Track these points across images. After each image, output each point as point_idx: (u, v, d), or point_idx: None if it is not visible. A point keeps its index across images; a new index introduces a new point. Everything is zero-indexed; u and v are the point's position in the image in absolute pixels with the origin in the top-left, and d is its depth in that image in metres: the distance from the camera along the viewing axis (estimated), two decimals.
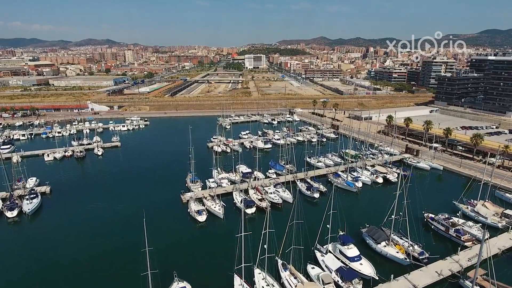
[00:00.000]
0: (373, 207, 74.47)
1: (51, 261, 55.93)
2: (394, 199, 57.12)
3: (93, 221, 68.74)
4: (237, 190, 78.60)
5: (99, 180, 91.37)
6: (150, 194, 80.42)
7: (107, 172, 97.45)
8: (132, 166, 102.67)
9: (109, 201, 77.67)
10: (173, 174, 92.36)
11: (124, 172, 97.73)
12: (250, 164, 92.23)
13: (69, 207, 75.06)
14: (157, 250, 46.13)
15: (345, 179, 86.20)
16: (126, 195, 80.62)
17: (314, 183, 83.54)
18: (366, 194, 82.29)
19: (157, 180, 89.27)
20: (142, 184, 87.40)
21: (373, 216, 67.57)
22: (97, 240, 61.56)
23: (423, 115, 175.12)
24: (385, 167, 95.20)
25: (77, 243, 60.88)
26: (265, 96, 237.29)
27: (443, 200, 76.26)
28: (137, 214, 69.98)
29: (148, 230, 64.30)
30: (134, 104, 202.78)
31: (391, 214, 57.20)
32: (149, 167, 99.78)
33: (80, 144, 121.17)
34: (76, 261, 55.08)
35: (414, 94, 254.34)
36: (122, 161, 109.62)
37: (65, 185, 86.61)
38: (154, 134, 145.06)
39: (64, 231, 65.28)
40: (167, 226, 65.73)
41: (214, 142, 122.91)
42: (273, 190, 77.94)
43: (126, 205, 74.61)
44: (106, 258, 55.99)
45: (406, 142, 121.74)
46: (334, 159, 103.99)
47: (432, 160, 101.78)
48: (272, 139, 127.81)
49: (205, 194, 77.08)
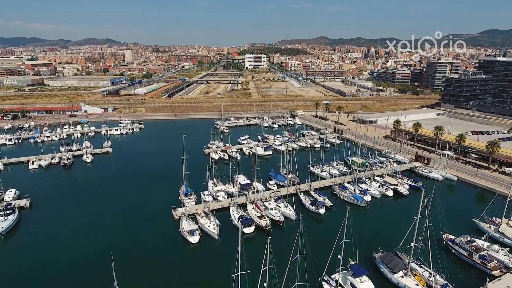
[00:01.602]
0: (385, 225, 67.48)
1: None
2: (412, 223, 49.89)
3: (73, 242, 61.63)
4: (234, 205, 71.42)
5: (85, 192, 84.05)
6: (140, 209, 73.35)
7: (94, 183, 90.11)
8: (122, 176, 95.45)
9: (94, 216, 70.69)
10: (165, 185, 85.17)
11: (112, 182, 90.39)
12: (249, 174, 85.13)
13: (49, 224, 67.95)
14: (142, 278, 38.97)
15: (352, 192, 79.05)
16: (113, 210, 73.49)
17: (319, 196, 76.42)
18: (376, 209, 75.09)
19: (148, 192, 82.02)
20: (131, 197, 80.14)
21: (386, 237, 60.77)
22: (74, 267, 54.44)
23: (430, 119, 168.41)
24: (395, 177, 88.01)
25: (54, 270, 53.83)
26: (266, 98, 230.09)
27: (461, 217, 69.22)
28: (123, 236, 64.26)
29: (134, 253, 57.19)
30: (130, 106, 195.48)
31: (410, 240, 49.97)
32: (140, 177, 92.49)
33: (68, 150, 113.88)
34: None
35: (419, 95, 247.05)
36: (112, 170, 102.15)
37: (47, 198, 79.34)
38: (148, 138, 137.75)
39: (40, 254, 58.18)
40: (156, 249, 58.82)
41: (211, 148, 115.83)
42: (273, 205, 70.82)
43: (112, 223, 67.66)
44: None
45: (416, 149, 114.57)
46: (339, 168, 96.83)
47: (445, 169, 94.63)
48: (272, 144, 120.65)
49: (199, 210, 69.94)
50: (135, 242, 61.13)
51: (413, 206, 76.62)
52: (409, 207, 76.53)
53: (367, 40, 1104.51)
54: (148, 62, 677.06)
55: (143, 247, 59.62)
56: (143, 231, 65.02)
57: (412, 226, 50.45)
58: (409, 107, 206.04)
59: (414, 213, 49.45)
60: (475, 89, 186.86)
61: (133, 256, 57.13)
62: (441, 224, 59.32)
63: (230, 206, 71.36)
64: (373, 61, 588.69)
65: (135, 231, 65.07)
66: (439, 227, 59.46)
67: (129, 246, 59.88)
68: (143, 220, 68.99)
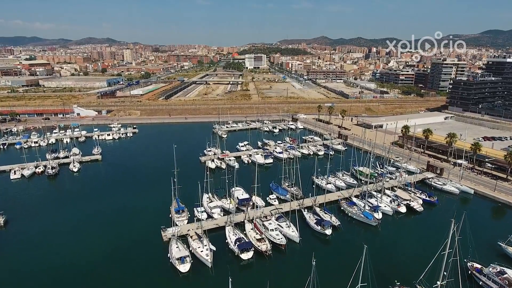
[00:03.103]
0: (400, 250, 60.18)
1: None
2: (439, 258, 42.59)
3: (48, 267, 54.43)
4: (230, 225, 64.12)
5: (67, 206, 76.42)
6: (126, 228, 66.14)
7: (78, 196, 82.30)
8: (110, 187, 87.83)
9: (74, 235, 63.59)
10: (156, 200, 77.65)
11: (98, 196, 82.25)
12: (248, 186, 77.76)
13: (23, 246, 60.72)
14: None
15: (361, 208, 71.72)
16: (97, 229, 66.23)
17: (325, 214, 69.08)
18: (388, 228, 67.61)
19: (137, 208, 74.61)
20: (118, 213, 72.67)
21: (402, 266, 53.52)
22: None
23: (438, 123, 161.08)
24: (407, 191, 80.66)
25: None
26: (266, 100, 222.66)
27: (485, 239, 61.64)
28: (105, 260, 57.02)
29: (116, 282, 50.33)
30: (124, 108, 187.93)
31: (432, 275, 42.77)
32: (129, 190, 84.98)
33: (55, 157, 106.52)
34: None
35: (424, 97, 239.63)
36: (99, 181, 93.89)
37: (24, 214, 71.89)
38: (142, 144, 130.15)
39: (11, 284, 51.04)
40: (141, 277, 51.66)
41: (208, 155, 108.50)
42: (275, 225, 63.47)
43: (95, 244, 60.43)
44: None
45: (426, 157, 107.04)
46: (345, 179, 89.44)
47: (460, 181, 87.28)
48: (273, 151, 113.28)
49: (191, 231, 62.58)
50: (118, 269, 54.11)
51: (429, 226, 70.19)
52: (425, 226, 69.84)
53: (368, 40, 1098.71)
54: (147, 62, 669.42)
55: (127, 274, 52.70)
56: (128, 255, 57.92)
57: (436, 258, 43.24)
58: (415, 110, 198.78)
59: (441, 247, 41.97)
60: (484, 91, 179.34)
61: (115, 285, 50.25)
62: (462, 247, 51.13)
63: (226, 226, 64.05)
64: (374, 62, 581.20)
65: (119, 255, 57.95)
66: (459, 250, 51.88)
67: (111, 273, 52.94)
68: (129, 241, 61.80)
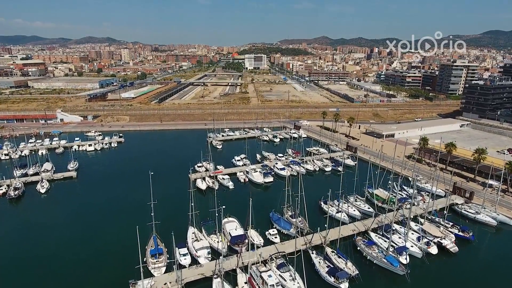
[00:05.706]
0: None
1: None
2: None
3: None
4: (219, 276, 50.30)
5: (22, 243, 62.43)
6: (87, 281, 52.40)
7: (37, 228, 67.74)
8: (78, 216, 72.99)
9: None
10: (130, 237, 62.92)
11: (61, 228, 68.04)
12: (243, 214, 63.28)
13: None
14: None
15: (383, 250, 57.90)
16: (51, 280, 52.61)
17: (338, 258, 55.24)
18: (418, 278, 53.66)
19: (106, 248, 60.63)
20: (81, 257, 58.38)
21: None
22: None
23: (453, 131, 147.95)
24: (435, 223, 66.88)
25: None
26: (266, 104, 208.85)
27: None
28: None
29: None
30: (113, 113, 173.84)
31: None
32: (101, 220, 70.91)
33: (23, 174, 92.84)
34: None
35: (433, 101, 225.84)
36: (68, 206, 78.71)
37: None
38: (126, 157, 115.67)
39: None
40: None
41: (198, 172, 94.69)
42: (275, 277, 49.68)
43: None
44: None
45: (449, 174, 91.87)
46: (359, 205, 75.50)
47: (496, 208, 73.46)
48: (274, 167, 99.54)
49: (168, 286, 48.82)
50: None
51: (467, 272, 56.45)
52: (464, 275, 56.05)
53: (368, 40, 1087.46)
54: (145, 62, 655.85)
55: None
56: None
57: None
58: (426, 115, 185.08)
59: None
60: (503, 96, 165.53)
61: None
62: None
63: (213, 278, 50.24)
64: (377, 62, 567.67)
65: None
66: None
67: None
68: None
